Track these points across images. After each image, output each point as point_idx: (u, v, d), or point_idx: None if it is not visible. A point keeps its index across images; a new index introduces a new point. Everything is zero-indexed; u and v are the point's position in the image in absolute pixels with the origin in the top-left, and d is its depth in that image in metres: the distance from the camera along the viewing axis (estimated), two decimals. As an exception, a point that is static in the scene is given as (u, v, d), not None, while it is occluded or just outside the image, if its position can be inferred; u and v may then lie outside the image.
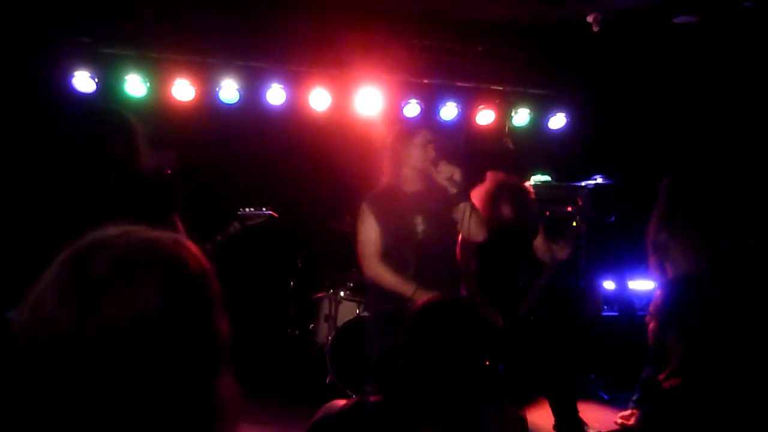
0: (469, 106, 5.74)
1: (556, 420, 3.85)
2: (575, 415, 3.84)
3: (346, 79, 5.30)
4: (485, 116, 5.76)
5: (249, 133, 5.53)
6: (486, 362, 1.71)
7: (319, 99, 5.29)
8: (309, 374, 4.80)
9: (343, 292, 4.86)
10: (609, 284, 5.53)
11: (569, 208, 5.38)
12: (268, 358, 5.10)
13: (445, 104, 5.62)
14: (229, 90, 5.10)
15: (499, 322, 3.85)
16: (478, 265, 3.93)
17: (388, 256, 3.08)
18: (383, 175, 3.19)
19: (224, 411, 0.79)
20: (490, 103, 5.74)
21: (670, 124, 5.67)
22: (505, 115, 5.86)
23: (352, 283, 4.86)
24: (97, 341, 0.69)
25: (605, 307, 5.50)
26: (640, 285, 5.43)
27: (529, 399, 4.56)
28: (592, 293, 5.45)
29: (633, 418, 4.06)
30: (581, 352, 5.10)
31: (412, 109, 5.50)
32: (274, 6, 4.71)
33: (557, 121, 5.96)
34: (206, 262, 0.82)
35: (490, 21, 5.02)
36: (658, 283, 4.25)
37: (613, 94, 5.78)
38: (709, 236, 4.00)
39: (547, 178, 5.49)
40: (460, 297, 1.72)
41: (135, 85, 4.94)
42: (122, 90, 4.93)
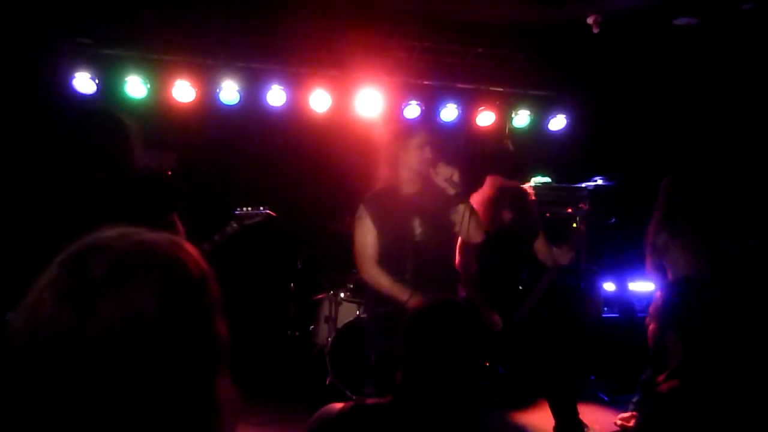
0: (469, 107, 5.75)
1: (556, 422, 3.85)
2: (575, 416, 3.83)
3: (347, 80, 5.31)
4: (485, 118, 5.77)
5: (249, 135, 5.54)
6: (485, 363, 1.71)
7: (320, 100, 5.30)
8: (309, 375, 4.80)
9: (343, 294, 4.86)
10: (609, 286, 5.53)
11: (569, 210, 5.38)
12: (268, 359, 5.11)
13: (446, 106, 5.63)
14: (230, 91, 5.10)
15: (499, 323, 3.86)
16: (479, 267, 3.94)
17: (386, 258, 3.07)
18: (380, 177, 3.17)
19: (222, 413, 0.79)
20: (490, 105, 5.74)
21: (670, 126, 5.67)
22: (505, 116, 5.87)
23: (352, 285, 4.86)
24: (95, 343, 0.69)
25: (605, 308, 5.50)
26: (640, 286, 5.43)
27: (529, 401, 4.56)
28: (592, 294, 5.45)
29: (633, 420, 4.06)
30: (581, 354, 5.10)
31: (413, 110, 5.50)
32: (274, 7, 4.72)
33: (557, 123, 5.96)
34: (205, 265, 0.82)
35: (491, 22, 5.02)
36: (655, 285, 4.25)
37: (613, 96, 5.78)
38: (710, 237, 4.00)
39: (548, 179, 5.49)
40: (455, 299, 1.72)
41: (135, 87, 4.95)
42: (123, 91, 4.94)
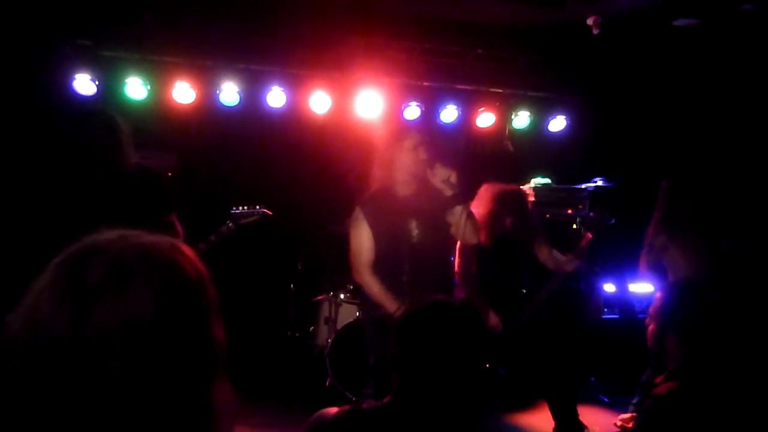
0: (469, 108, 5.74)
1: (556, 423, 3.85)
2: (575, 418, 3.83)
3: (347, 81, 5.31)
4: (485, 119, 5.77)
5: (249, 136, 5.54)
6: (480, 364, 1.70)
7: (320, 102, 5.30)
8: (309, 377, 4.80)
9: (343, 295, 4.86)
10: (609, 287, 5.53)
11: (569, 211, 5.39)
12: (268, 360, 5.11)
13: (446, 107, 5.63)
14: (230, 92, 5.11)
15: (499, 326, 3.85)
16: (481, 270, 3.93)
17: (384, 260, 3.07)
18: (375, 179, 3.16)
19: (219, 416, 0.79)
20: (490, 106, 5.74)
21: (670, 127, 5.67)
22: (505, 117, 5.86)
23: (352, 286, 4.85)
24: (93, 345, 0.69)
25: (605, 309, 5.50)
26: (640, 287, 5.42)
27: (529, 402, 4.56)
28: (592, 296, 5.45)
29: (633, 422, 4.06)
30: (581, 355, 5.10)
31: (413, 111, 5.51)
32: (274, 9, 4.72)
33: (557, 124, 5.96)
34: (202, 267, 0.82)
35: (490, 24, 5.03)
36: (651, 284, 4.25)
37: (613, 97, 5.78)
38: (710, 239, 4.00)
39: (548, 180, 5.49)
40: (447, 298, 1.71)
41: (135, 88, 4.96)
42: (123, 93, 4.94)
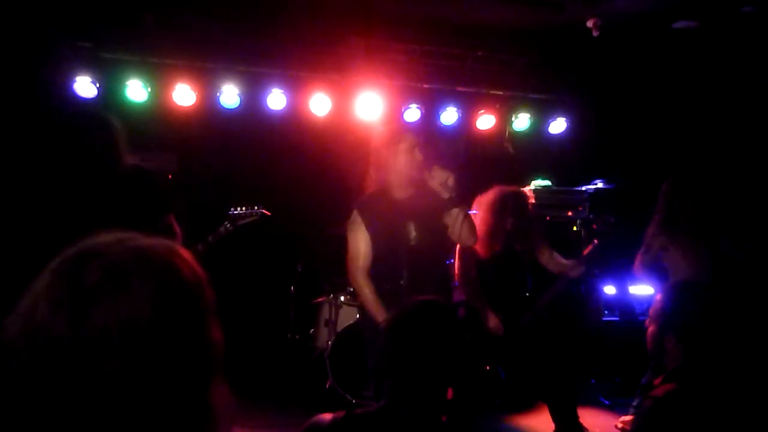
0: (469, 110, 5.75)
1: (557, 426, 3.84)
2: (575, 420, 3.82)
3: (347, 83, 5.31)
4: (485, 121, 5.77)
5: (250, 138, 5.54)
6: (469, 363, 1.69)
7: (320, 104, 5.31)
8: (309, 379, 4.79)
9: (343, 297, 4.85)
10: (609, 289, 5.52)
11: (570, 213, 5.39)
12: (268, 362, 5.11)
13: (446, 109, 5.64)
14: (230, 95, 5.11)
15: (500, 328, 3.85)
16: (483, 272, 3.93)
17: (382, 263, 3.06)
18: (371, 181, 3.15)
19: (217, 418, 0.79)
20: (490, 108, 5.75)
21: (670, 129, 5.67)
22: (505, 119, 5.87)
23: (352, 288, 4.84)
24: (90, 349, 0.69)
25: (606, 311, 5.49)
26: (640, 290, 5.42)
27: (530, 404, 4.55)
28: (592, 298, 5.44)
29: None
30: (582, 357, 5.09)
31: (413, 113, 5.51)
32: (274, 11, 4.73)
33: (557, 126, 5.97)
34: (200, 270, 0.82)
35: (491, 26, 5.03)
36: (644, 283, 4.24)
37: (613, 99, 5.78)
38: (710, 241, 4.00)
39: (548, 182, 5.49)
40: (434, 299, 1.70)
41: (136, 90, 4.96)
42: (123, 95, 4.95)
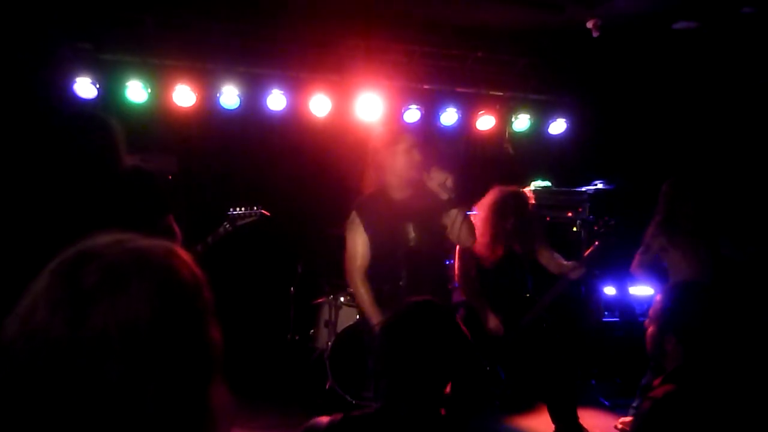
0: (469, 111, 5.75)
1: (556, 426, 3.84)
2: (575, 421, 3.82)
3: (347, 84, 5.31)
4: (485, 122, 5.77)
5: (250, 139, 5.55)
6: (464, 362, 1.69)
7: (320, 105, 5.31)
8: (308, 380, 4.79)
9: (343, 298, 4.85)
10: (610, 289, 5.52)
11: (570, 214, 5.38)
12: (268, 363, 5.10)
13: (446, 110, 5.64)
14: (230, 95, 5.11)
15: (500, 329, 3.85)
16: (483, 272, 3.93)
17: (381, 264, 3.06)
18: (370, 183, 3.15)
19: (216, 419, 0.79)
20: (490, 109, 5.75)
21: (670, 130, 5.67)
22: (505, 120, 5.87)
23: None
24: (89, 350, 0.69)
25: (606, 312, 5.49)
26: (640, 290, 5.42)
27: (530, 405, 4.55)
28: (592, 298, 5.44)
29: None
30: (582, 358, 5.09)
31: (413, 114, 5.51)
32: (274, 12, 4.73)
33: (557, 127, 5.97)
34: (198, 271, 0.82)
35: (490, 27, 5.04)
36: (641, 283, 4.24)
37: (613, 100, 5.78)
38: (710, 242, 4.00)
39: (548, 183, 5.49)
40: (426, 300, 1.70)
41: (136, 91, 4.96)
42: (123, 96, 4.95)
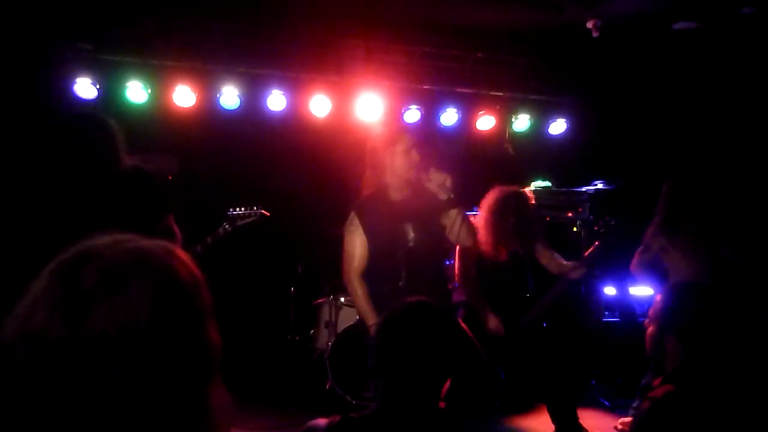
0: (469, 111, 5.76)
1: (556, 427, 3.84)
2: (576, 421, 3.82)
3: (347, 85, 5.32)
4: (485, 122, 5.78)
5: (250, 139, 5.55)
6: (460, 362, 1.69)
7: (320, 105, 5.31)
8: (309, 380, 4.80)
9: (343, 298, 4.85)
10: (610, 290, 5.52)
11: (570, 214, 5.38)
12: (268, 364, 5.10)
13: (446, 110, 5.64)
14: (230, 96, 5.12)
15: (500, 329, 3.85)
16: (484, 273, 3.93)
17: (380, 265, 3.06)
18: (367, 183, 3.14)
19: (215, 420, 0.79)
20: (490, 109, 5.75)
21: (671, 130, 5.67)
22: (505, 120, 5.88)
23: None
24: (88, 352, 0.69)
25: (606, 312, 5.49)
26: (641, 290, 5.42)
27: (530, 406, 4.55)
28: (592, 299, 5.44)
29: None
30: (582, 358, 5.09)
31: (413, 114, 5.51)
32: (274, 12, 4.74)
33: (557, 127, 5.97)
34: (198, 271, 0.82)
35: (491, 27, 5.04)
36: (641, 282, 4.23)
37: (613, 100, 5.79)
38: (710, 243, 4.00)
39: (548, 183, 5.49)
40: (421, 300, 1.70)
41: (136, 92, 4.97)
42: (123, 96, 4.95)
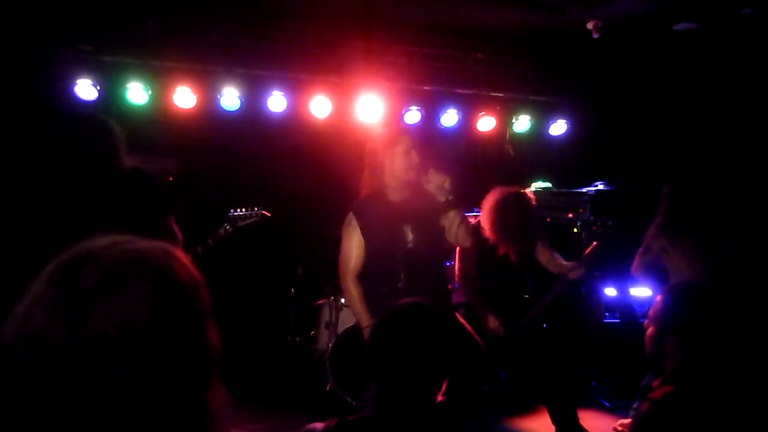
0: (469, 112, 5.76)
1: (557, 428, 3.83)
2: (576, 422, 3.81)
3: (347, 86, 5.32)
4: (486, 123, 5.78)
5: (250, 141, 5.55)
6: (455, 363, 1.70)
7: (320, 106, 5.31)
8: (309, 381, 4.79)
9: (343, 299, 4.85)
10: (610, 290, 5.51)
11: (570, 215, 5.38)
12: (269, 365, 5.10)
13: (446, 111, 5.64)
14: (231, 97, 5.12)
15: (500, 329, 3.85)
16: (483, 273, 3.93)
17: (379, 266, 3.05)
18: (366, 184, 3.13)
19: (214, 420, 0.80)
20: (490, 110, 5.75)
21: (671, 131, 5.67)
22: (505, 121, 5.88)
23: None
24: (87, 353, 0.69)
25: (606, 313, 5.48)
26: (641, 291, 5.41)
27: (530, 406, 4.55)
28: (593, 299, 5.44)
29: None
30: (582, 359, 5.08)
31: (413, 116, 5.51)
32: (275, 14, 4.74)
33: (558, 128, 5.97)
34: (197, 273, 0.82)
35: (491, 28, 5.04)
36: (641, 283, 4.23)
37: (613, 101, 5.79)
38: (711, 244, 3.99)
39: (548, 184, 5.49)
40: (416, 302, 1.71)
41: (137, 93, 4.97)
42: (124, 98, 4.95)
